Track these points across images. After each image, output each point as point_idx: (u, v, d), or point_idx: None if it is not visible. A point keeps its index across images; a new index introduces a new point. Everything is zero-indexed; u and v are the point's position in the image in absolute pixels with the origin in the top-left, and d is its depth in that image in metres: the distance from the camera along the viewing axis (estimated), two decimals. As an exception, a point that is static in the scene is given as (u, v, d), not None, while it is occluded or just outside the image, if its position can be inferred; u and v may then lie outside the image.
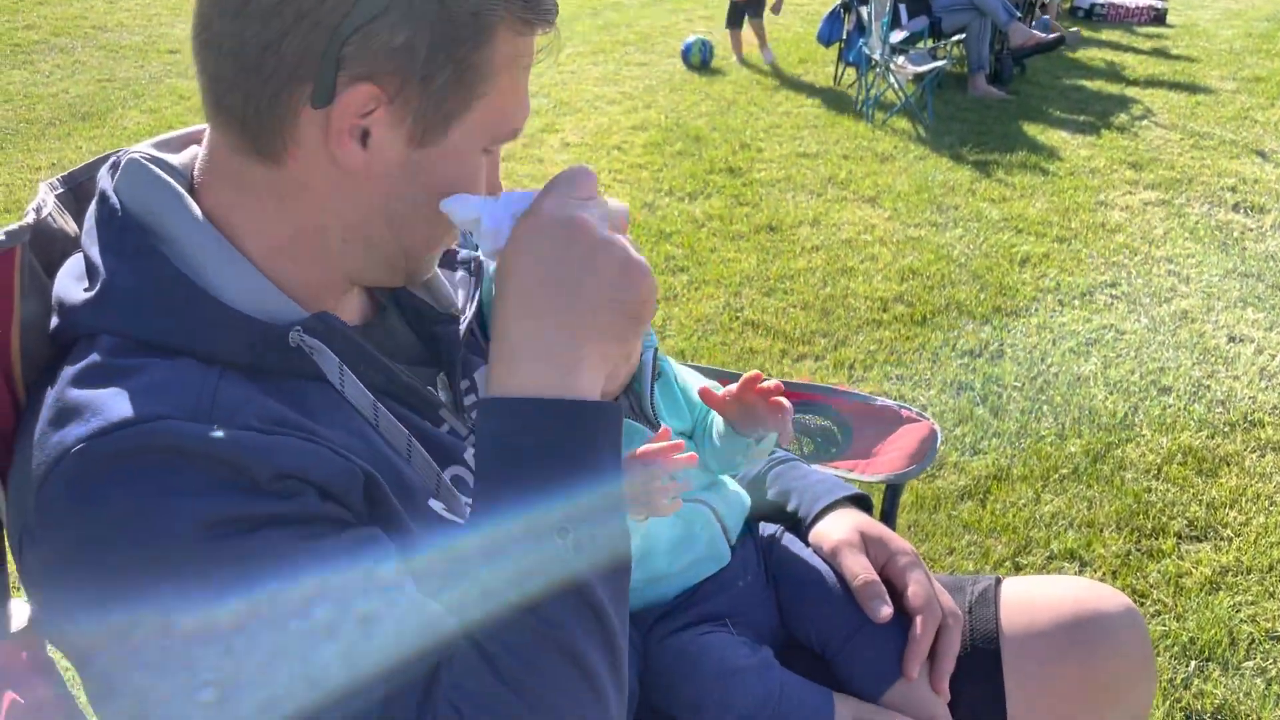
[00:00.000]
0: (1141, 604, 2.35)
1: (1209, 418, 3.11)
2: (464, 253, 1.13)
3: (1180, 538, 2.57)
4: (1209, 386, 3.30)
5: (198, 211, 0.85)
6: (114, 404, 0.74)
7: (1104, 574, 2.44)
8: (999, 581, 1.24)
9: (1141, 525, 2.61)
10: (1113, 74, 7.43)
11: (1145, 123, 6.23)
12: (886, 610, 1.11)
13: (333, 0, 0.76)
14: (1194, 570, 2.45)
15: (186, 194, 0.86)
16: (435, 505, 0.89)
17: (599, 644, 0.74)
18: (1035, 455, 2.91)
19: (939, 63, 6.32)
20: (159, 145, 0.93)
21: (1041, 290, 4.00)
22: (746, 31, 7.64)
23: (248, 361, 0.81)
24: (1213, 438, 3.00)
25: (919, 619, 1.12)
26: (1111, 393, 3.26)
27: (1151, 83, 7.17)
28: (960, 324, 3.70)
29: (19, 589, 0.85)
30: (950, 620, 1.14)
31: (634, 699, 1.11)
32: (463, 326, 1.04)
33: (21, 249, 0.87)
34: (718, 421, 1.23)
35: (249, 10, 0.77)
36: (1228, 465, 2.88)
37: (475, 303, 1.08)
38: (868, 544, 1.17)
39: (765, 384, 1.15)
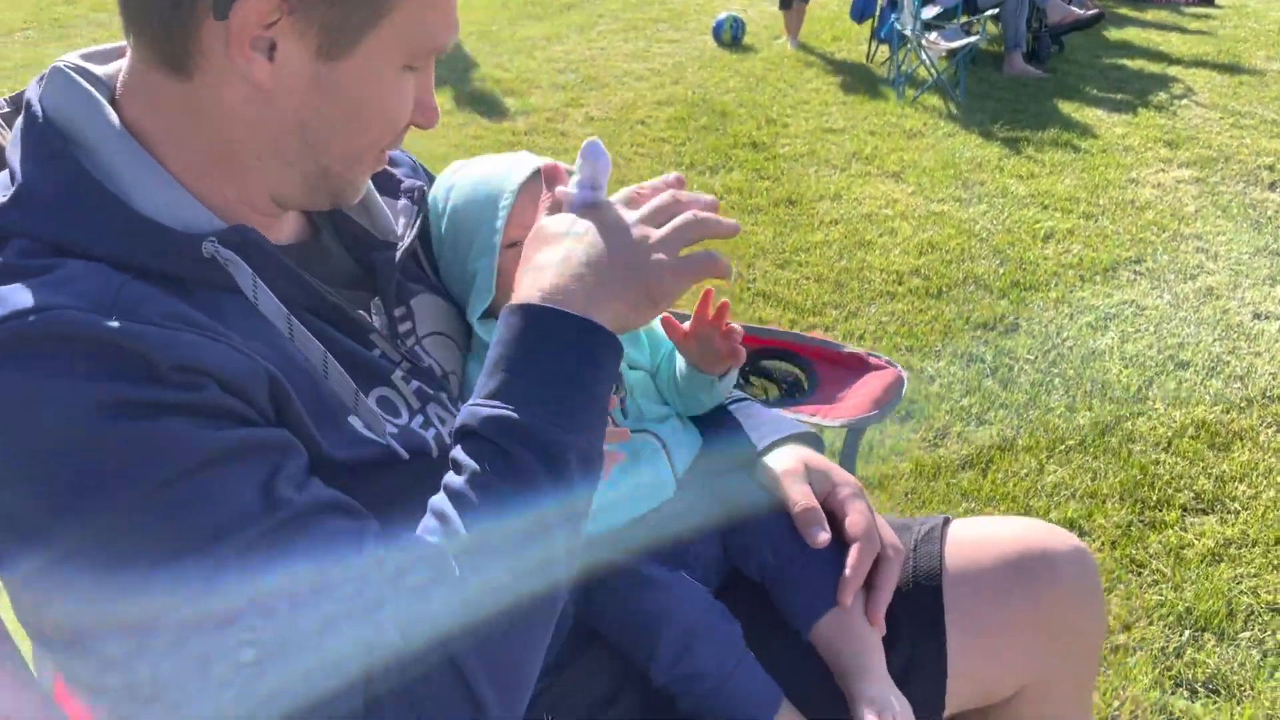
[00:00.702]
0: (1139, 574, 2.30)
1: (1225, 393, 3.04)
2: (408, 181, 1.12)
3: (1185, 510, 2.52)
4: (1228, 362, 3.22)
5: (116, 121, 0.85)
6: (14, 295, 0.75)
7: (1102, 543, 2.40)
8: (947, 521, 1.22)
9: (1146, 497, 2.56)
10: (1155, 53, 7.26)
11: (1185, 102, 6.08)
12: (824, 536, 1.09)
13: None
14: (1196, 542, 2.39)
15: (107, 104, 0.86)
16: (354, 422, 0.89)
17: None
18: (1042, 427, 2.86)
19: (972, 38, 6.21)
20: (87, 56, 0.93)
21: (1063, 266, 3.93)
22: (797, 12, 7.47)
23: (159, 269, 0.82)
24: (1227, 412, 2.93)
25: (855, 547, 1.10)
26: (1126, 366, 3.19)
27: (1195, 62, 7.00)
28: (976, 298, 3.64)
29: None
30: (890, 552, 1.12)
31: (567, 621, 1.10)
32: (399, 253, 1.04)
33: None
34: (680, 359, 1.22)
35: None
36: (1241, 440, 2.81)
37: (414, 230, 1.08)
38: (811, 474, 1.16)
39: (735, 325, 1.14)
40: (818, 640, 1.09)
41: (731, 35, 7.47)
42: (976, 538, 1.19)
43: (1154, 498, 2.55)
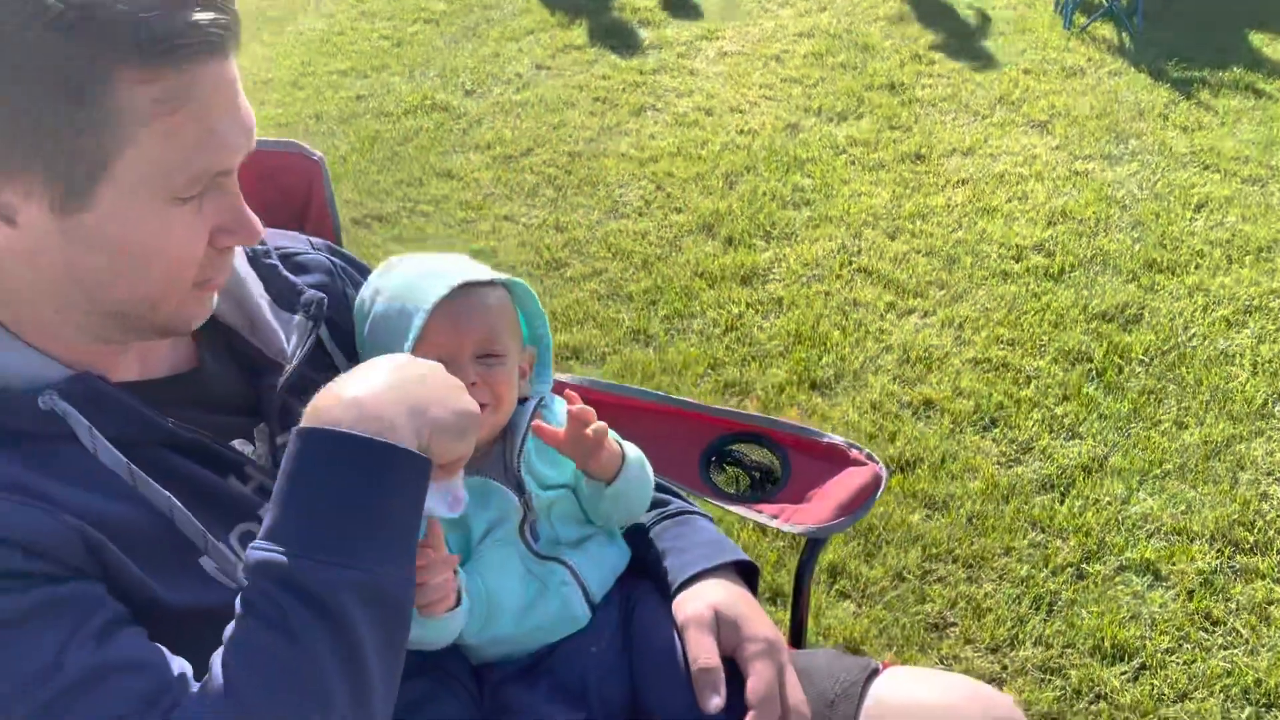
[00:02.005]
0: (1210, 632, 2.13)
1: (1366, 415, 2.73)
2: (309, 293, 1.10)
3: (1284, 559, 2.30)
4: (1380, 375, 2.88)
5: None
6: None
7: (1179, 591, 2.22)
8: (876, 673, 1.15)
9: (1241, 539, 2.35)
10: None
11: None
12: (716, 702, 1.06)
13: None
14: (1286, 601, 2.19)
15: None
16: (206, 564, 0.91)
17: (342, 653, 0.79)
18: (1141, 445, 2.65)
19: (1155, -40, 5.60)
20: None
21: (1211, 243, 3.57)
22: None
23: (5, 423, 0.84)
24: (1363, 440, 2.64)
25: (750, 715, 1.05)
26: (1256, 374, 2.90)
27: None
28: (1100, 281, 3.37)
29: None
30: (793, 718, 1.07)
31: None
32: (284, 376, 1.03)
33: None
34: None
35: None
36: (1371, 476, 2.52)
37: (305, 349, 1.07)
38: (721, 624, 1.11)
39: (573, 409, 1.10)
40: (702, 803, 1.06)
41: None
42: (902, 699, 1.12)
43: (1250, 540, 2.34)
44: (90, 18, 0.76)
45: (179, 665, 0.82)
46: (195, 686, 0.80)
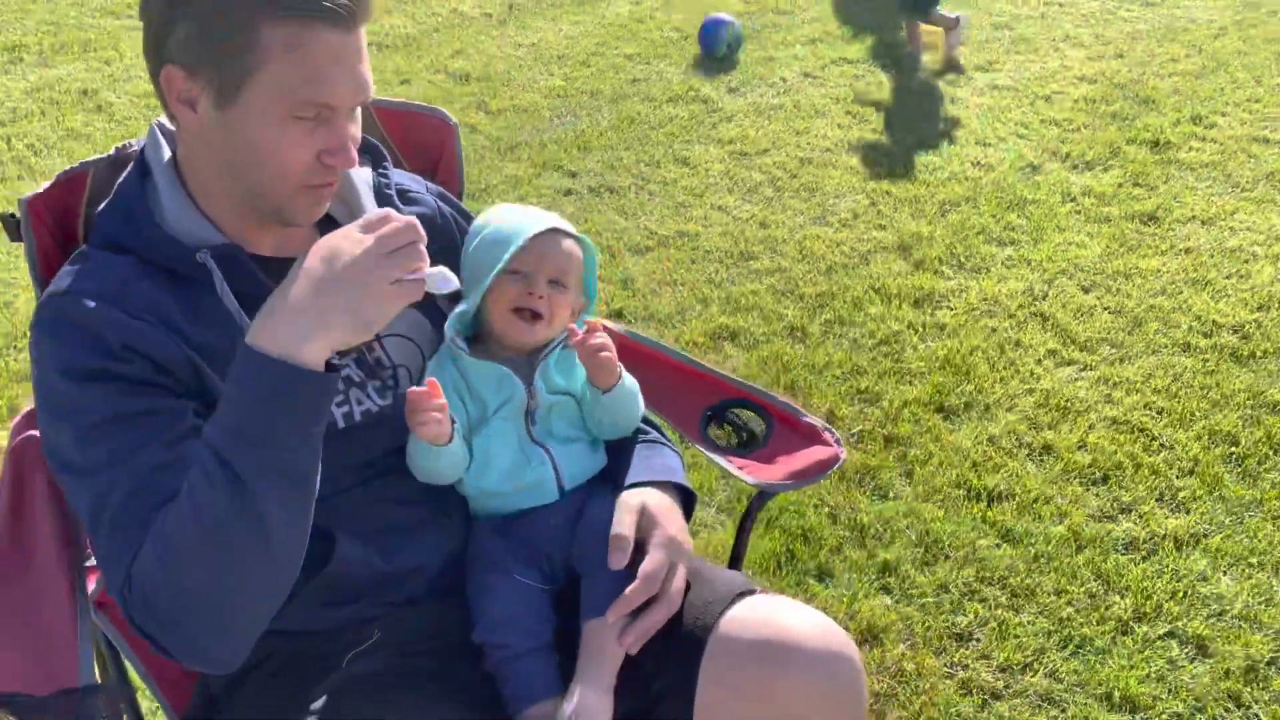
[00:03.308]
0: (1230, 712, 2.16)
1: None
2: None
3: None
4: None
5: (166, 160, 1.35)
6: (61, 278, 1.29)
7: (1216, 669, 2.26)
8: (753, 592, 1.43)
9: (1310, 642, 2.33)
10: None
11: None
12: (618, 558, 1.36)
13: (154, 10, 1.22)
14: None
15: (167, 149, 1.37)
16: None
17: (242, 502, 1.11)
18: (1249, 533, 2.63)
19: None
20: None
21: None
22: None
23: (169, 267, 1.32)
24: None
25: (635, 583, 1.37)
26: None
27: None
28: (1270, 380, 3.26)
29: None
30: (664, 597, 1.37)
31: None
32: None
33: (93, 172, 1.46)
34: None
35: (140, 12, 1.26)
36: None
37: None
38: (642, 515, 1.42)
39: (589, 320, 1.46)
40: (583, 638, 1.39)
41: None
42: (760, 611, 1.38)
43: (1321, 646, 2.32)
44: None
45: None
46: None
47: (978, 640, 2.34)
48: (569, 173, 4.39)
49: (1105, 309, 3.61)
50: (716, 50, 5.64)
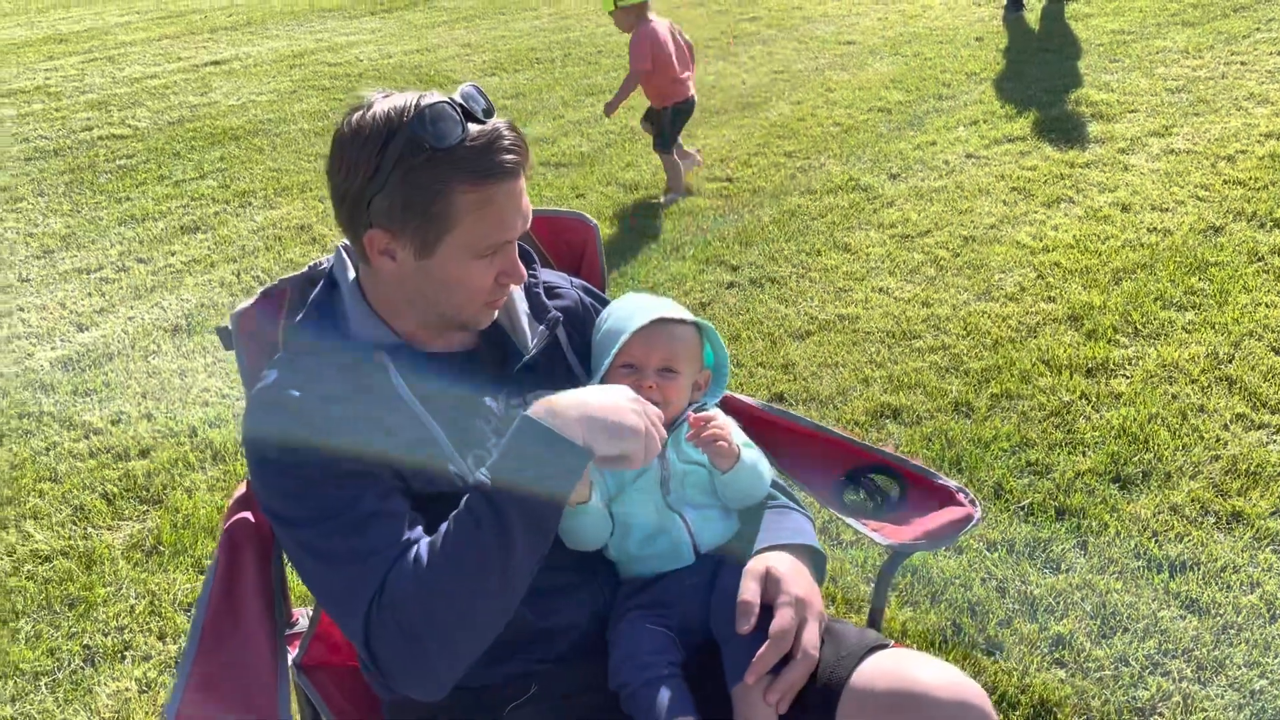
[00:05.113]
0: None
1: None
2: (553, 313, 1.71)
3: None
4: None
5: (350, 278, 1.59)
6: (266, 376, 1.54)
7: None
8: (885, 646, 1.47)
9: None
10: None
11: None
12: (745, 626, 1.46)
13: (359, 185, 1.44)
14: None
15: (352, 269, 1.61)
16: (449, 469, 1.55)
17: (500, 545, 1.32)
18: None
19: None
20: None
21: None
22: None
23: (355, 364, 1.55)
24: None
25: (767, 643, 1.45)
26: None
27: None
28: None
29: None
30: (799, 654, 1.44)
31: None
32: (521, 361, 1.65)
33: (290, 289, 1.71)
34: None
35: (332, 183, 1.49)
36: None
37: (542, 345, 1.66)
38: (768, 578, 1.51)
39: (694, 415, 1.57)
40: (734, 705, 1.48)
41: None
42: (892, 665, 1.43)
43: None
44: (449, 156, 1.41)
45: (419, 531, 1.44)
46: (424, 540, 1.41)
47: (1161, 715, 2.23)
48: (731, 266, 4.55)
49: (1230, 366, 3.41)
50: None
